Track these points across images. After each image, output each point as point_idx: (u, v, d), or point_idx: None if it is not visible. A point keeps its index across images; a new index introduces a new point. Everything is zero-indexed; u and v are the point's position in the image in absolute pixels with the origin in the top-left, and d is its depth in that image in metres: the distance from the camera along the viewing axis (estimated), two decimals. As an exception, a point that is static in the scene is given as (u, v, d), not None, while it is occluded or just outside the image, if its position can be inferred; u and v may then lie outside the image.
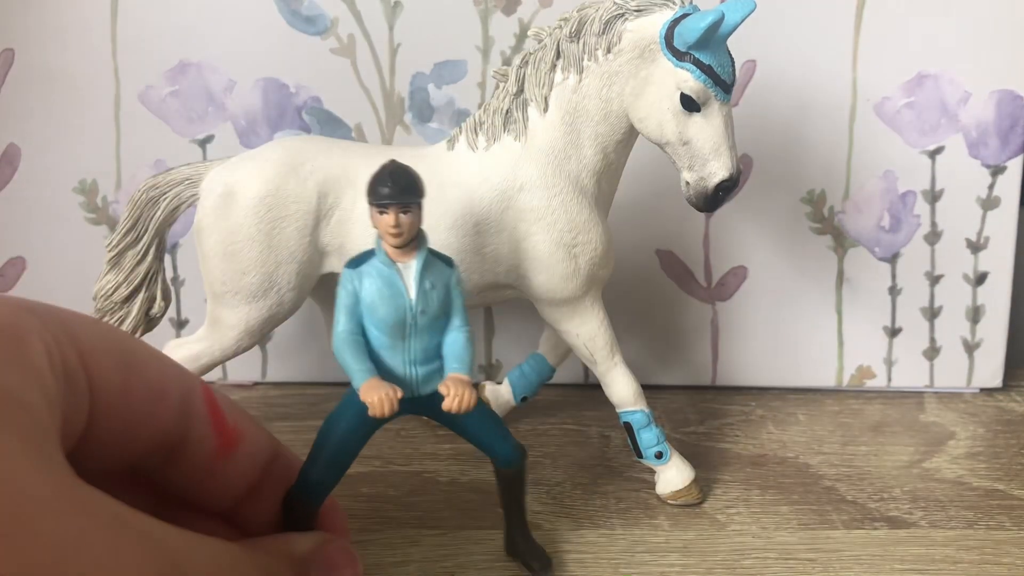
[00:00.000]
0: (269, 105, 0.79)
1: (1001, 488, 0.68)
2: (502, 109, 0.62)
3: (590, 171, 0.62)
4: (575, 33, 0.59)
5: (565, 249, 0.61)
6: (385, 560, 0.58)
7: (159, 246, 0.65)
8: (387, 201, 0.49)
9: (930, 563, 0.58)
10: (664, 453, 0.64)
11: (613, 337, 0.64)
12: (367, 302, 0.51)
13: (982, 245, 0.82)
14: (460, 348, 0.52)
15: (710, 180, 0.59)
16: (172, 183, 0.64)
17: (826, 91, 0.79)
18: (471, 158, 0.62)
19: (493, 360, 0.84)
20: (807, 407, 0.81)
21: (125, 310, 0.65)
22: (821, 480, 0.69)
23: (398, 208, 0.49)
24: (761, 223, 0.81)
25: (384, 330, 0.51)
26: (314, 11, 0.77)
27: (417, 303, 0.50)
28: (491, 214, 0.61)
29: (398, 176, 0.50)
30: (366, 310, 0.51)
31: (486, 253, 0.62)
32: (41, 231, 0.81)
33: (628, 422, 0.65)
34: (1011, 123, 0.79)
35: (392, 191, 0.49)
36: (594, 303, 0.64)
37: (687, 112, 0.58)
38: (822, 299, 0.83)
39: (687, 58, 0.57)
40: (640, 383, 0.65)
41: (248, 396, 0.82)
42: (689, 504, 0.64)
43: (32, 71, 0.78)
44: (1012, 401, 0.83)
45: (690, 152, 0.58)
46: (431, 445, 0.73)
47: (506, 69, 0.63)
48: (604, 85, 0.60)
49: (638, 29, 0.58)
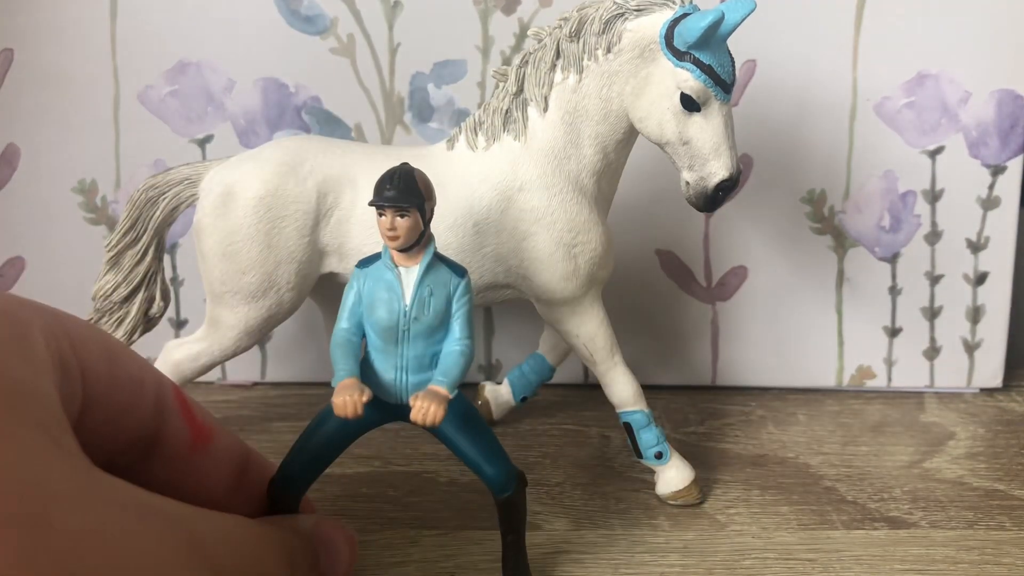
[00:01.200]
0: (268, 105, 0.79)
1: (1001, 488, 0.68)
2: (502, 109, 0.62)
3: (590, 171, 0.62)
4: (575, 33, 0.59)
5: (565, 249, 0.61)
6: (385, 560, 0.58)
7: (158, 246, 0.65)
8: (383, 203, 0.49)
9: (930, 563, 0.58)
10: (664, 453, 0.64)
11: (613, 337, 0.64)
12: (366, 303, 0.51)
13: (982, 245, 0.82)
14: (450, 362, 0.50)
15: (710, 180, 0.58)
16: (171, 183, 0.64)
17: (826, 91, 0.79)
18: (471, 158, 0.62)
19: (493, 360, 0.84)
20: (807, 407, 0.81)
21: (124, 310, 0.65)
22: (821, 480, 0.69)
23: (395, 211, 0.49)
24: (761, 223, 0.81)
25: (379, 333, 0.50)
26: (314, 11, 0.77)
27: (412, 309, 0.50)
28: (491, 214, 0.61)
29: (399, 179, 0.50)
30: (365, 311, 0.51)
31: (486, 253, 0.62)
32: (40, 231, 0.81)
33: (628, 422, 0.65)
34: (1011, 123, 0.79)
35: (389, 194, 0.49)
36: (594, 303, 0.64)
37: (687, 112, 0.57)
38: (822, 299, 0.83)
39: (687, 58, 0.56)
40: (640, 383, 0.65)
41: (248, 396, 0.82)
42: (689, 504, 0.64)
43: (32, 71, 0.78)
44: (1012, 401, 0.83)
45: (690, 152, 0.58)
46: (431, 445, 0.73)
47: (506, 69, 0.62)
48: (604, 85, 0.60)
49: (638, 29, 0.58)
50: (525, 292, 0.64)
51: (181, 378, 0.64)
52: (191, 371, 0.64)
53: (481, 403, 0.76)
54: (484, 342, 0.84)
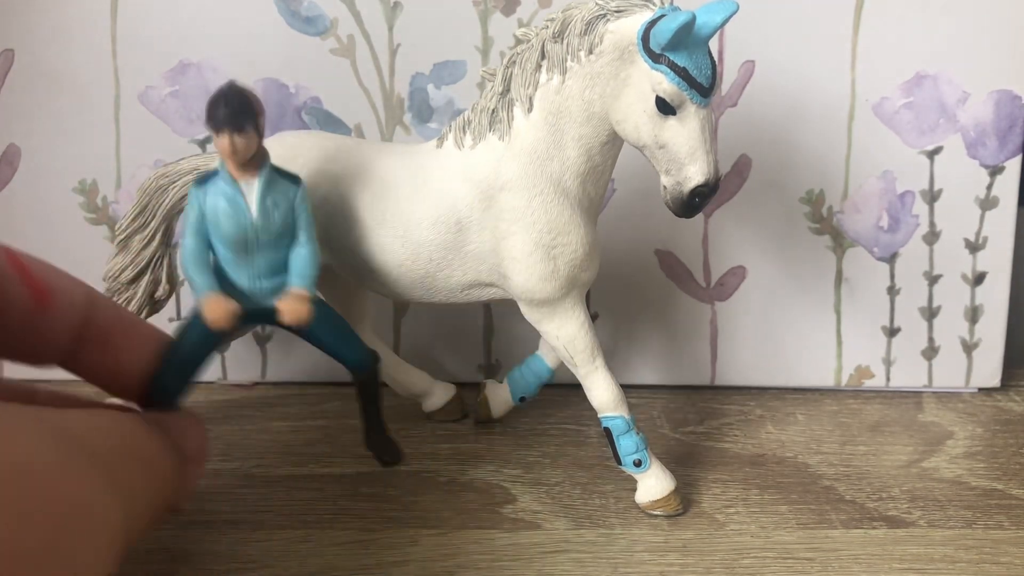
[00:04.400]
0: (269, 105, 0.78)
1: (999, 488, 0.68)
2: (488, 108, 0.62)
3: (573, 172, 0.61)
4: (559, 34, 0.59)
5: (544, 250, 0.61)
6: (385, 560, 0.58)
7: (166, 232, 0.67)
8: (221, 124, 0.52)
9: (928, 562, 0.58)
10: (643, 461, 0.64)
11: (595, 340, 0.64)
12: (211, 219, 0.54)
13: (980, 245, 0.82)
14: (302, 263, 0.56)
15: (686, 185, 0.57)
16: (181, 172, 0.66)
17: (825, 91, 0.79)
18: (457, 156, 0.63)
19: (493, 360, 0.84)
20: (806, 407, 0.81)
21: (131, 291, 0.68)
22: (820, 480, 0.69)
23: (231, 130, 0.52)
24: (760, 223, 0.81)
25: (228, 246, 0.55)
26: (314, 12, 0.77)
27: (259, 220, 0.54)
28: (473, 212, 0.62)
29: (231, 99, 0.53)
30: (211, 227, 0.55)
31: (468, 251, 0.62)
32: (41, 231, 0.81)
33: (608, 427, 0.64)
34: (1009, 123, 0.79)
35: (225, 114, 0.52)
36: (575, 305, 0.63)
37: (662, 115, 0.57)
38: (821, 299, 0.83)
39: (662, 60, 0.55)
40: (639, 383, 0.65)
41: (248, 396, 0.82)
42: (668, 515, 0.64)
43: (32, 71, 0.78)
44: (1010, 401, 0.83)
45: (666, 156, 0.58)
46: (431, 445, 0.73)
47: (495, 68, 0.62)
48: (586, 86, 0.59)
49: (618, 30, 0.57)
50: (507, 291, 0.64)
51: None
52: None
53: (480, 401, 0.76)
54: (484, 342, 0.84)
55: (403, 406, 0.78)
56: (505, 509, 0.64)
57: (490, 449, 0.73)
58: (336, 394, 0.81)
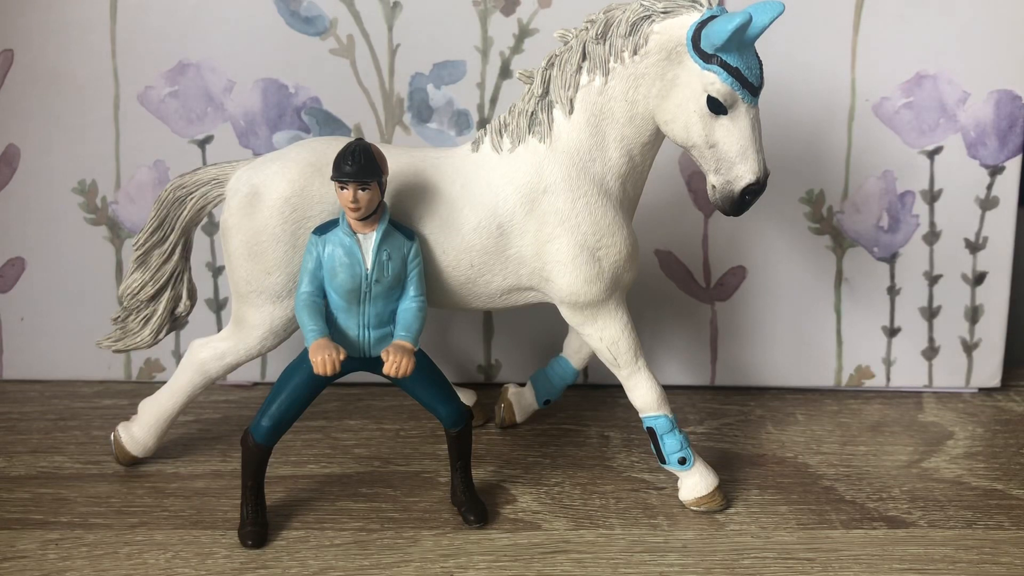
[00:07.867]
0: (268, 106, 0.79)
1: (1000, 488, 0.68)
2: (527, 111, 0.62)
3: (615, 174, 0.61)
4: (601, 35, 0.59)
5: (589, 252, 0.61)
6: (385, 560, 0.58)
7: (185, 245, 0.66)
8: (346, 179, 0.54)
9: (929, 563, 0.58)
10: (688, 459, 0.64)
11: (637, 340, 0.64)
12: (327, 268, 0.56)
13: (981, 245, 0.82)
14: (410, 317, 0.58)
15: (736, 184, 0.58)
16: (199, 183, 0.64)
17: (824, 91, 0.79)
18: (496, 160, 0.62)
19: (492, 360, 0.84)
20: (806, 407, 0.81)
21: (151, 308, 0.66)
22: (820, 480, 0.69)
23: (357, 185, 0.54)
24: (760, 223, 0.81)
25: (341, 295, 0.56)
26: (313, 12, 0.77)
27: (373, 272, 0.56)
28: (515, 216, 0.61)
29: (359, 155, 0.55)
30: (326, 275, 0.57)
31: (510, 255, 0.62)
32: (40, 231, 0.81)
33: (651, 427, 0.64)
34: (1010, 123, 0.79)
35: (352, 169, 0.54)
36: (618, 307, 0.63)
37: (714, 115, 0.57)
38: (821, 299, 0.83)
39: (714, 60, 0.56)
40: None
41: (248, 396, 0.82)
42: (713, 511, 0.64)
43: (32, 72, 0.78)
44: (1011, 401, 0.83)
45: (716, 155, 0.58)
46: (431, 445, 0.73)
47: (531, 71, 0.62)
48: (630, 87, 0.59)
49: (665, 31, 0.57)
50: (548, 295, 0.64)
51: (206, 377, 0.65)
52: (216, 370, 0.64)
53: (504, 405, 0.75)
54: (484, 343, 0.84)
55: (403, 406, 0.78)
56: (505, 509, 0.64)
57: (490, 449, 0.72)
58: (336, 394, 0.81)
